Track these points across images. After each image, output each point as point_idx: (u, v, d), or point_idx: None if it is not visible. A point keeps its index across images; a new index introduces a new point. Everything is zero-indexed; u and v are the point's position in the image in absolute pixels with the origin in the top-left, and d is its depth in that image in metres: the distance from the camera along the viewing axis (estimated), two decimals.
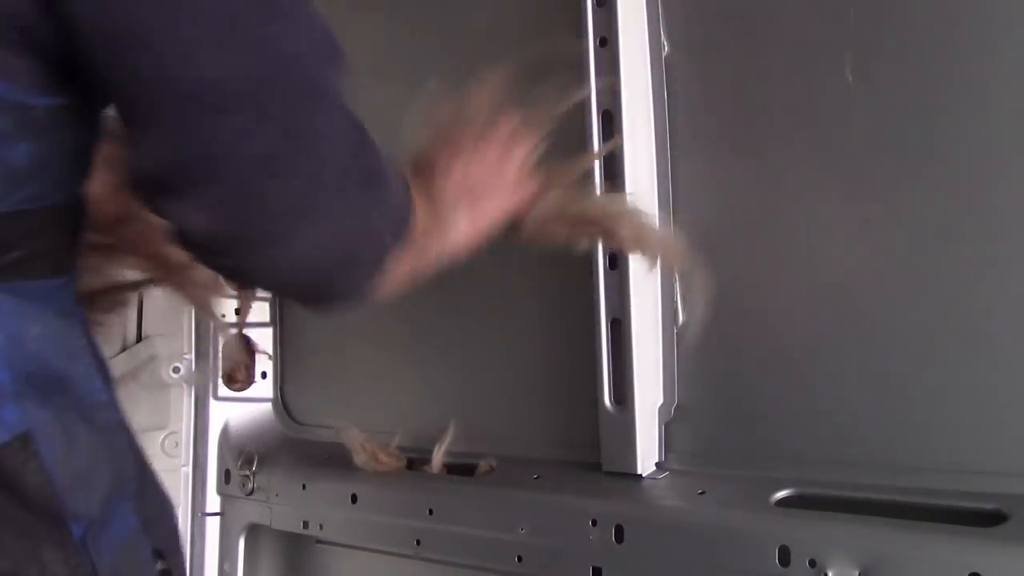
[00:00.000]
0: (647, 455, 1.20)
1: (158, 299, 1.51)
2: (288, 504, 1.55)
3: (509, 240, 1.05)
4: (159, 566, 0.82)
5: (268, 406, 1.71)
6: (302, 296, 0.89)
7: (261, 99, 0.72)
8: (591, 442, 1.25)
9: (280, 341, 1.72)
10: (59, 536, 0.74)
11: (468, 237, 0.99)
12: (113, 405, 0.82)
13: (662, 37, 1.22)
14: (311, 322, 1.63)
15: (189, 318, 1.68)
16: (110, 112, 0.79)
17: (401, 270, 0.88)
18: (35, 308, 0.76)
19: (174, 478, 1.67)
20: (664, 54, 1.22)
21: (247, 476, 1.60)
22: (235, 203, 0.73)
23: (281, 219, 0.75)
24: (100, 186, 0.95)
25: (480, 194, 0.98)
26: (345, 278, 0.84)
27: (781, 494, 1.09)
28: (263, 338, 1.69)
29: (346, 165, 0.79)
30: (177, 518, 0.95)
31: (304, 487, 1.51)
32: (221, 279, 1.14)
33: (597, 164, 1.20)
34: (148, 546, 0.82)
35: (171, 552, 0.86)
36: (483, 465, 1.34)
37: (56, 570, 0.73)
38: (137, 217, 1.02)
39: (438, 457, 1.37)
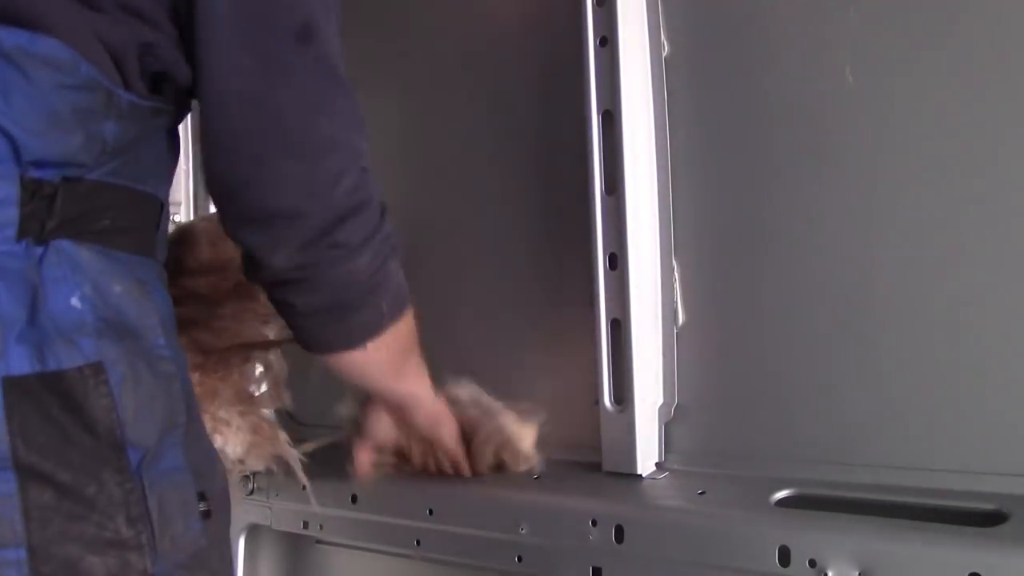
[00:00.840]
0: (647, 455, 1.21)
1: None
2: (288, 504, 1.55)
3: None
4: (202, 507, 0.93)
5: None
6: (325, 321, 1.02)
7: (345, 162, 0.93)
8: (591, 442, 1.25)
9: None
10: (118, 461, 0.85)
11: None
12: (172, 360, 0.93)
13: (662, 37, 1.22)
14: None
15: None
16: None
17: (389, 347, 1.06)
18: (119, 271, 0.90)
19: None
20: (664, 54, 1.22)
21: (247, 476, 1.60)
22: (315, 239, 0.92)
23: (345, 251, 0.95)
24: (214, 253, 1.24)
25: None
26: (361, 313, 1.01)
27: (781, 494, 1.09)
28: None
29: (377, 223, 0.98)
30: (227, 484, 1.04)
31: (304, 487, 1.51)
32: None
33: (597, 165, 1.20)
34: (193, 487, 0.92)
35: (217, 503, 0.96)
36: None
37: (112, 491, 0.84)
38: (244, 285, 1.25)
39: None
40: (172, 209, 1.11)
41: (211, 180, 0.93)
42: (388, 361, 1.09)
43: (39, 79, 0.82)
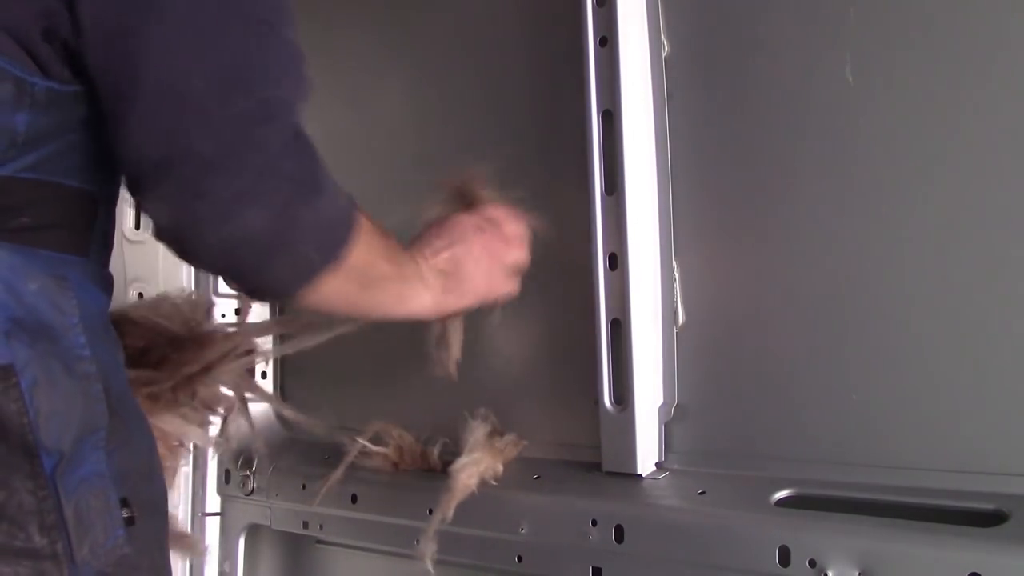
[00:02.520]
0: (647, 455, 1.20)
1: None
2: (288, 504, 1.55)
3: None
4: (124, 513, 0.88)
5: (268, 406, 1.71)
6: (239, 278, 0.93)
7: (215, 105, 0.81)
8: (591, 442, 1.25)
9: (280, 341, 1.72)
10: (30, 467, 0.81)
11: (437, 306, 1.10)
12: (93, 360, 0.88)
13: (662, 37, 1.22)
14: None
15: None
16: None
17: (340, 289, 0.94)
18: (36, 268, 0.84)
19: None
20: (664, 54, 1.22)
21: (247, 476, 1.60)
22: (183, 197, 0.83)
23: (218, 208, 0.83)
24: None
25: (460, 279, 1.11)
26: (275, 268, 0.89)
27: (781, 494, 1.09)
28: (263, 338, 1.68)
29: (282, 176, 0.86)
30: (165, 488, 1.00)
31: (304, 487, 1.51)
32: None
33: (597, 165, 1.20)
34: (115, 493, 0.87)
35: (145, 509, 0.91)
36: None
37: (23, 498, 0.80)
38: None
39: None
40: None
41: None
42: (351, 290, 0.97)
43: None
